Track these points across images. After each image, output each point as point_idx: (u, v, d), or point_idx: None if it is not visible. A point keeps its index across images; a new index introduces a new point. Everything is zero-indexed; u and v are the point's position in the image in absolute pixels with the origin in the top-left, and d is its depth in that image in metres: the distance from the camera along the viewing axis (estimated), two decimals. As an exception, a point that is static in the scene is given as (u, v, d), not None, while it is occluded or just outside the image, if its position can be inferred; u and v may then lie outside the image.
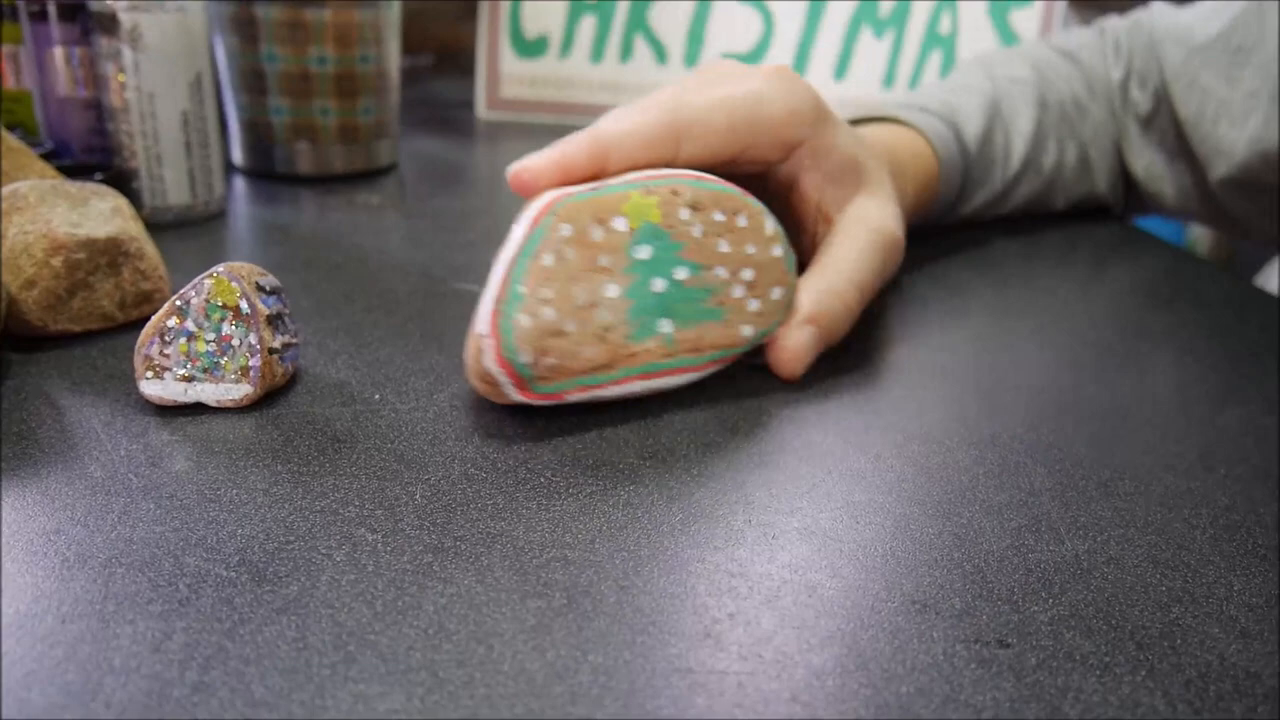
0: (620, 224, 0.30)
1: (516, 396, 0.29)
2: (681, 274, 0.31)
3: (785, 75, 0.37)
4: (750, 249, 0.32)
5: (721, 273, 0.32)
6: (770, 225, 0.33)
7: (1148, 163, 0.60)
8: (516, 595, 0.23)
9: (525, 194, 0.32)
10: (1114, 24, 0.63)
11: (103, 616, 0.21)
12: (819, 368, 0.36)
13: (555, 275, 0.29)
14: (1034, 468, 0.30)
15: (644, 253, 0.30)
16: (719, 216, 0.32)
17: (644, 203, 0.30)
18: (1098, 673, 0.22)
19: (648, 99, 0.34)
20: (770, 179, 0.39)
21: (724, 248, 0.32)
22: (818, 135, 0.37)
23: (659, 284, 0.31)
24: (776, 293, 0.33)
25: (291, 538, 0.24)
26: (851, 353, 0.38)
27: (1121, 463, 0.31)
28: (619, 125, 0.33)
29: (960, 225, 0.57)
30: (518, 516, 0.26)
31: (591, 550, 0.25)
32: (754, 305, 0.33)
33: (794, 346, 0.34)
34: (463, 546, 0.24)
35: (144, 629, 0.21)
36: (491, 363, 0.29)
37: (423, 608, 0.22)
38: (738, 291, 0.32)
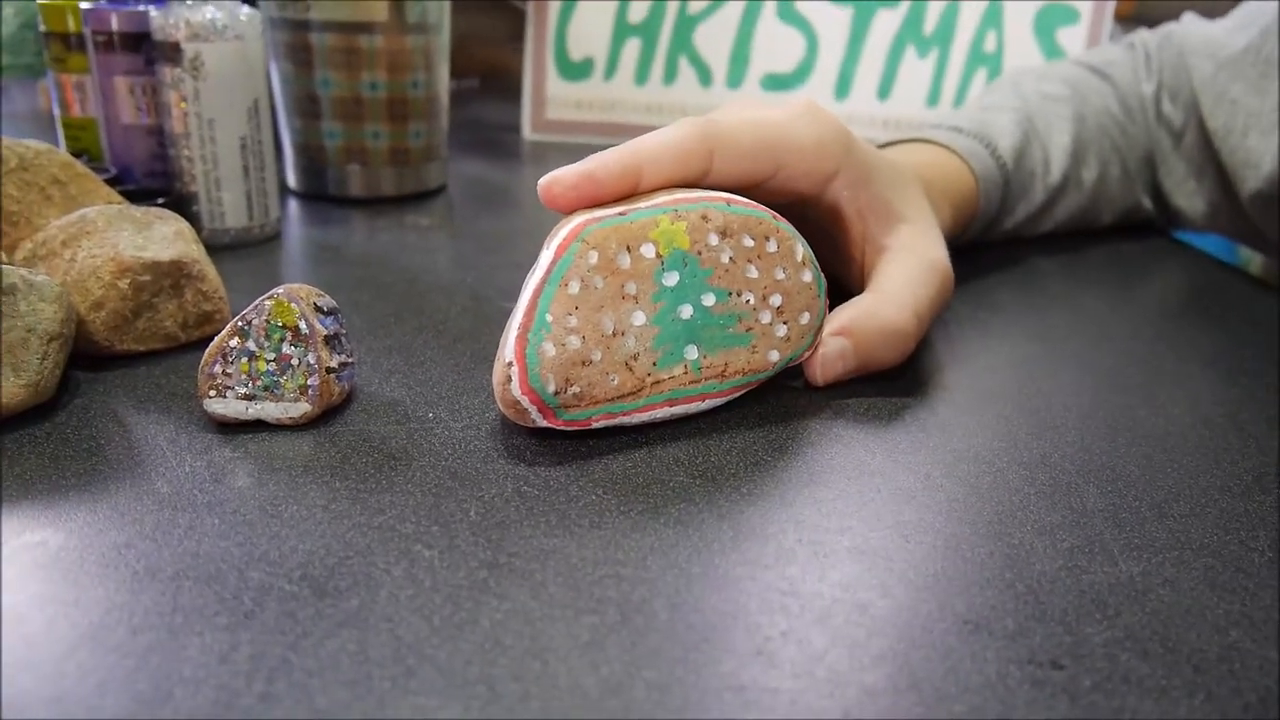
0: (648, 250, 0.30)
1: (542, 423, 0.30)
2: (709, 300, 0.31)
3: (813, 107, 0.37)
4: (780, 274, 0.32)
5: (749, 298, 0.32)
6: (801, 250, 0.33)
7: (1179, 177, 0.60)
8: (570, 611, 0.23)
9: (555, 207, 0.32)
10: (1144, 38, 0.62)
11: (172, 628, 0.22)
12: (865, 388, 0.36)
13: (582, 303, 0.29)
14: (1085, 488, 0.30)
15: (672, 279, 0.30)
16: (749, 242, 0.31)
17: (673, 229, 0.30)
18: (1154, 696, 0.21)
19: (680, 120, 0.35)
20: (815, 213, 0.39)
21: (753, 273, 0.32)
22: (850, 166, 0.37)
23: (686, 311, 0.31)
24: (805, 318, 0.33)
25: (351, 553, 0.25)
26: (898, 373, 0.38)
27: (1175, 484, 0.31)
28: (652, 140, 0.33)
29: (1003, 243, 0.57)
30: (570, 533, 0.26)
31: (644, 567, 0.25)
32: (781, 331, 0.33)
33: (822, 354, 0.35)
34: (517, 563, 0.25)
35: (211, 641, 0.21)
36: (517, 391, 0.29)
37: (479, 623, 0.23)
38: (765, 317, 0.32)
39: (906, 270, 0.37)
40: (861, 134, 0.79)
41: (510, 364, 0.29)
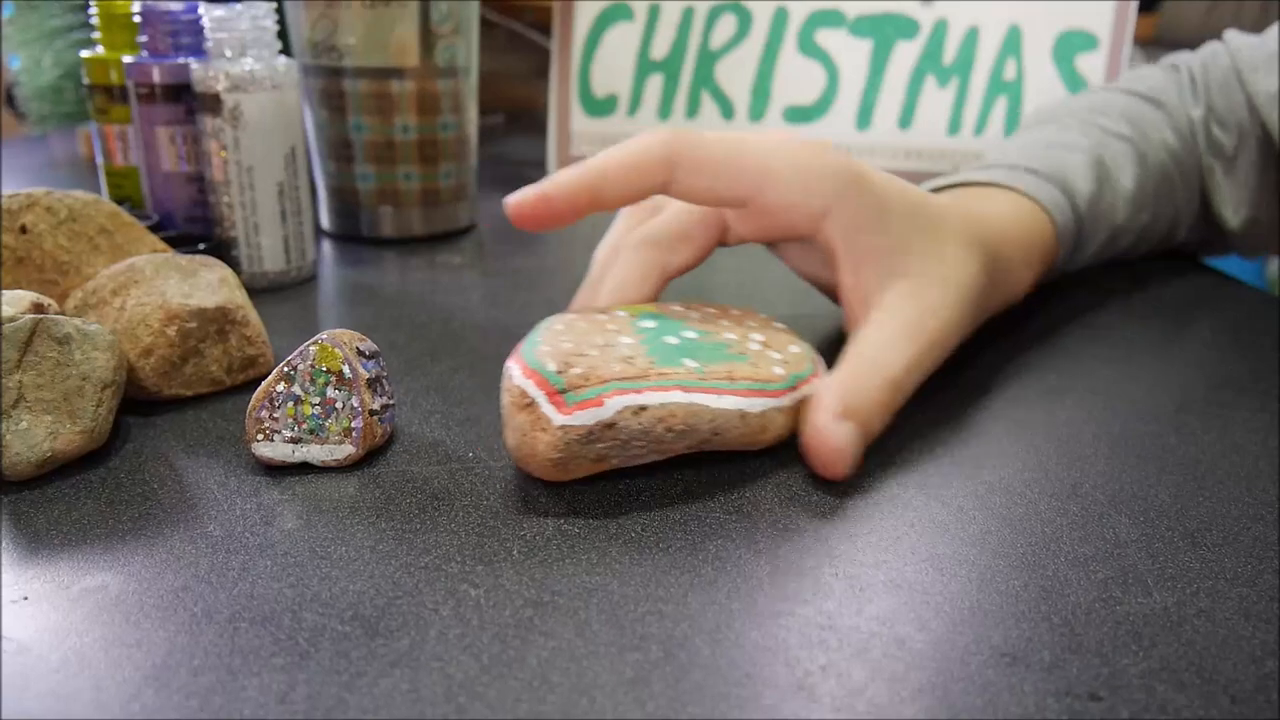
0: (620, 313, 0.32)
1: (558, 417, 0.28)
2: (691, 334, 0.32)
3: (810, 142, 0.36)
4: (751, 323, 0.34)
5: (731, 337, 0.33)
6: (760, 314, 0.35)
7: (1237, 201, 0.59)
8: (615, 648, 0.24)
9: (521, 225, 0.33)
10: (1185, 60, 0.61)
11: (231, 669, 0.23)
12: (893, 421, 0.36)
13: (569, 333, 0.31)
14: (1118, 519, 0.30)
15: (649, 324, 0.31)
16: (711, 310, 0.33)
17: (635, 308, 0.32)
18: (1192, 726, 0.22)
19: (646, 132, 0.34)
20: (819, 249, 0.38)
21: (725, 324, 0.33)
22: (847, 209, 0.35)
23: (672, 339, 0.31)
24: (794, 348, 0.34)
25: (399, 593, 0.26)
26: (927, 405, 0.38)
27: (1208, 514, 0.31)
28: (608, 155, 0.33)
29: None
30: (611, 571, 0.27)
31: (684, 604, 0.25)
32: (776, 355, 0.33)
33: (836, 445, 0.31)
34: (561, 600, 0.25)
35: (269, 681, 0.22)
36: (520, 377, 0.29)
37: (526, 661, 0.23)
38: (755, 346, 0.33)
39: (882, 332, 0.34)
40: (883, 165, 0.80)
41: (508, 365, 0.30)
